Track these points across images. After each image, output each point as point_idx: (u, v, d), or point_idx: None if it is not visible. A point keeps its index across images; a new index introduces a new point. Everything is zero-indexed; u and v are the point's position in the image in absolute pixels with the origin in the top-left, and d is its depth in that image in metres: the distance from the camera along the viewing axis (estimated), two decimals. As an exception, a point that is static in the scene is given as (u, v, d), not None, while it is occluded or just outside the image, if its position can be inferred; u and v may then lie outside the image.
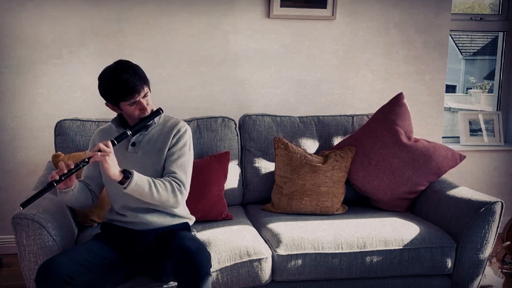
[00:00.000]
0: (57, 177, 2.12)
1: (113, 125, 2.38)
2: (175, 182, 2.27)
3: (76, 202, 2.33)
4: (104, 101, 2.31)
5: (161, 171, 2.34)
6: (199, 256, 2.10)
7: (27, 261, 2.26)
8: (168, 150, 2.34)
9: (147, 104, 2.28)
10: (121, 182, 2.16)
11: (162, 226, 2.36)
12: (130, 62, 2.29)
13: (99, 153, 2.12)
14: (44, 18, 3.28)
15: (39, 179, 2.79)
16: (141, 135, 2.36)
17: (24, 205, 2.07)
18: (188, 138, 2.39)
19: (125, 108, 2.27)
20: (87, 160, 2.14)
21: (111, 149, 2.15)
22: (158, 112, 2.32)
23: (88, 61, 3.36)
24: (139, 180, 2.18)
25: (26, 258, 2.26)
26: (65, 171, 2.13)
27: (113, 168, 2.14)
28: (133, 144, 2.35)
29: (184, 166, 2.33)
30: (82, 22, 3.32)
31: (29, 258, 2.26)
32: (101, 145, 2.14)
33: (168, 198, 2.25)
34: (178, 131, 2.37)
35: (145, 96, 2.26)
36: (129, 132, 2.25)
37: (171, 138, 2.35)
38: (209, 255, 2.18)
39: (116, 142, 2.22)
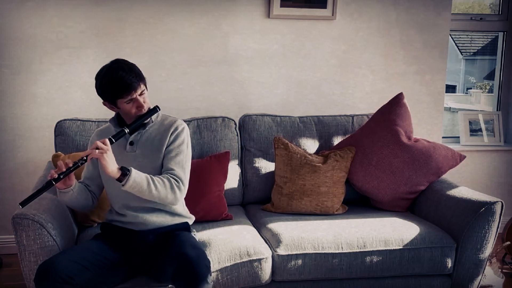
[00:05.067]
0: (56, 176, 2.13)
1: (111, 125, 2.39)
2: (173, 178, 2.28)
3: (76, 203, 2.33)
4: (102, 101, 2.32)
5: (160, 169, 2.35)
6: (198, 264, 2.10)
7: (27, 261, 2.26)
8: (166, 148, 2.35)
9: (144, 102, 2.29)
10: (119, 179, 2.17)
11: (162, 226, 2.36)
12: (126, 61, 2.31)
13: (96, 151, 2.13)
14: (44, 18, 3.27)
15: (39, 179, 2.79)
16: (139, 134, 2.37)
17: (23, 203, 2.08)
18: (185, 136, 2.40)
19: (122, 106, 2.28)
20: (85, 158, 2.15)
21: (108, 146, 2.17)
22: (155, 109, 2.33)
23: (88, 61, 3.35)
24: (137, 177, 2.18)
25: (26, 258, 2.26)
26: (64, 170, 2.14)
27: (111, 165, 2.15)
28: (131, 143, 2.36)
29: (182, 163, 2.34)
30: (82, 22, 3.32)
31: (29, 258, 2.26)
32: (99, 143, 2.15)
33: (166, 195, 2.26)
34: (176, 129, 2.38)
35: (141, 93, 2.28)
36: (126, 130, 2.27)
37: (169, 136, 2.36)
38: (209, 263, 2.17)
39: (113, 140, 2.23)
